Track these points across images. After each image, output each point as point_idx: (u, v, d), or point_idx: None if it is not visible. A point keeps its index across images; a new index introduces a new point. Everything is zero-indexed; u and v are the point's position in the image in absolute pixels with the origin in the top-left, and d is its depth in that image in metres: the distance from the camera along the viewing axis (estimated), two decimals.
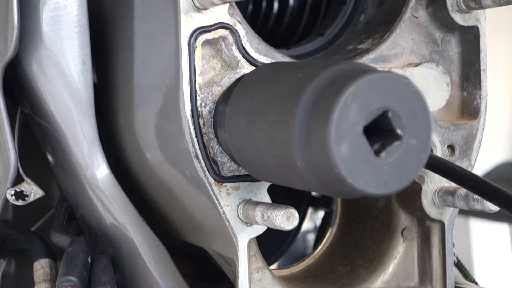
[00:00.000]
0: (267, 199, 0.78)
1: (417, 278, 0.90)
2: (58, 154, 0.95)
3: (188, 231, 0.91)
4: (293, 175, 0.63)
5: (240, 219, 0.78)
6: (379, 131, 0.59)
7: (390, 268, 0.90)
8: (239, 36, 0.77)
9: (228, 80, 0.76)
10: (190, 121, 0.75)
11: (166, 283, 0.89)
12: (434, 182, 0.86)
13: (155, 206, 0.93)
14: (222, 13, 0.76)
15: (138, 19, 0.84)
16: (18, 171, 0.90)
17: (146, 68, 0.83)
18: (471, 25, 0.86)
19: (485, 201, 0.81)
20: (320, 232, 1.12)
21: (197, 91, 0.75)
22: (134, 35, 0.85)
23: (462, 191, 0.83)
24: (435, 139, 0.85)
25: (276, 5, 1.02)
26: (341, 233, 1.00)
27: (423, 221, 0.88)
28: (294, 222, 0.73)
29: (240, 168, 0.77)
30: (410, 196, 0.87)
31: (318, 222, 1.37)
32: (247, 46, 0.77)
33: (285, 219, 0.72)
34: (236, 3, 0.77)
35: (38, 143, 1.01)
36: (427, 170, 0.84)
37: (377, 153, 0.59)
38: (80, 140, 0.89)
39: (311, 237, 1.54)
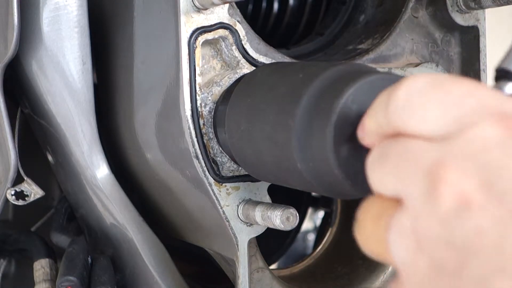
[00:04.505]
0: (267, 199, 0.78)
1: None
2: (58, 154, 0.95)
3: (188, 231, 0.91)
4: (293, 175, 0.63)
5: (240, 219, 0.78)
6: None
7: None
8: (239, 36, 0.77)
9: (228, 80, 0.76)
10: (190, 121, 0.75)
11: (166, 283, 0.89)
12: None
13: (155, 206, 0.93)
14: (222, 13, 0.76)
15: (138, 19, 0.84)
16: (18, 171, 0.90)
17: (146, 68, 0.83)
18: (471, 25, 0.86)
19: None
20: (320, 232, 1.12)
21: (197, 91, 0.75)
22: (134, 35, 0.85)
23: None
24: None
25: (276, 5, 1.02)
26: (341, 233, 1.00)
27: None
28: (294, 222, 0.73)
29: (240, 168, 0.77)
30: None
31: (318, 222, 1.37)
32: (247, 46, 0.77)
33: (285, 219, 0.72)
34: (236, 3, 0.77)
35: (38, 143, 1.01)
36: None
37: None
38: (80, 140, 0.89)
39: (311, 237, 1.53)
